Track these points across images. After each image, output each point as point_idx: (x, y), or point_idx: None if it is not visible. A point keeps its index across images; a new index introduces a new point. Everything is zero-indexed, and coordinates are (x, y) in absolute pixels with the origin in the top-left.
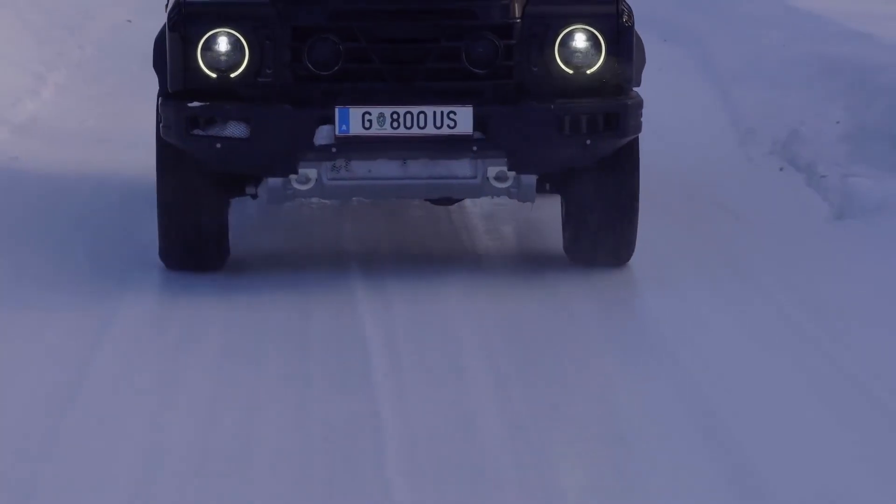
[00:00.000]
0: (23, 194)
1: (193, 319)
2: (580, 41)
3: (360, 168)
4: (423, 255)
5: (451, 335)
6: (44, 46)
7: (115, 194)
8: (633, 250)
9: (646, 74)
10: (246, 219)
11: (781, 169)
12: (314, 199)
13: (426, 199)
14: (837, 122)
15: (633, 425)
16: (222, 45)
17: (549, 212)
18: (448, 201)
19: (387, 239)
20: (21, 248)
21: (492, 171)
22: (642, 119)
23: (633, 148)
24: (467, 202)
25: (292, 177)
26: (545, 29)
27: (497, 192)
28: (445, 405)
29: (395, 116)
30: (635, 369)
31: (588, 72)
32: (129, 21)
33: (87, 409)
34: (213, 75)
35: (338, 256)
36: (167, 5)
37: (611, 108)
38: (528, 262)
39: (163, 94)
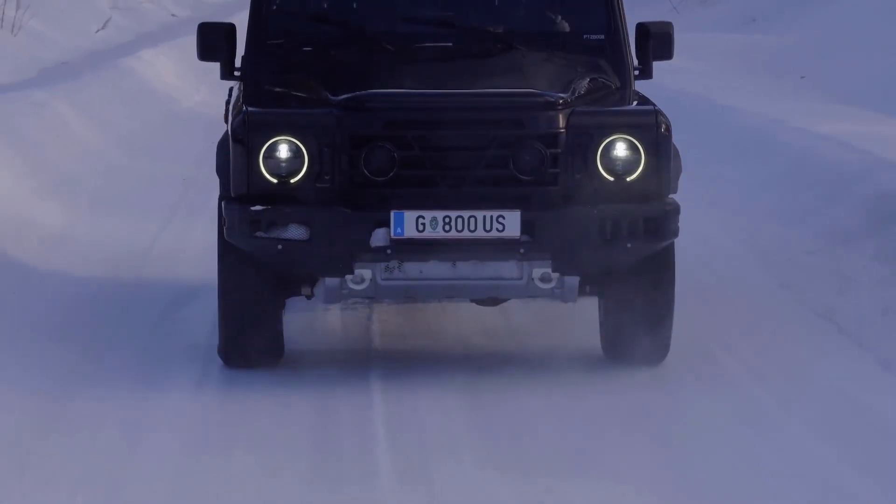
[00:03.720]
0: (199, 131)
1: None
2: (621, 150)
3: (413, 269)
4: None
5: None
6: (195, 77)
7: None
8: (668, 349)
9: None
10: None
11: None
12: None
13: (471, 300)
14: None
15: None
16: (283, 152)
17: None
18: (493, 302)
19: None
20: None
21: (537, 272)
22: (679, 224)
23: (669, 251)
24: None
25: (348, 277)
26: (588, 139)
27: (541, 293)
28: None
29: (447, 220)
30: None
31: (628, 179)
32: None
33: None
34: (274, 181)
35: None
36: (226, 115)
37: (650, 213)
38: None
39: (225, 197)
